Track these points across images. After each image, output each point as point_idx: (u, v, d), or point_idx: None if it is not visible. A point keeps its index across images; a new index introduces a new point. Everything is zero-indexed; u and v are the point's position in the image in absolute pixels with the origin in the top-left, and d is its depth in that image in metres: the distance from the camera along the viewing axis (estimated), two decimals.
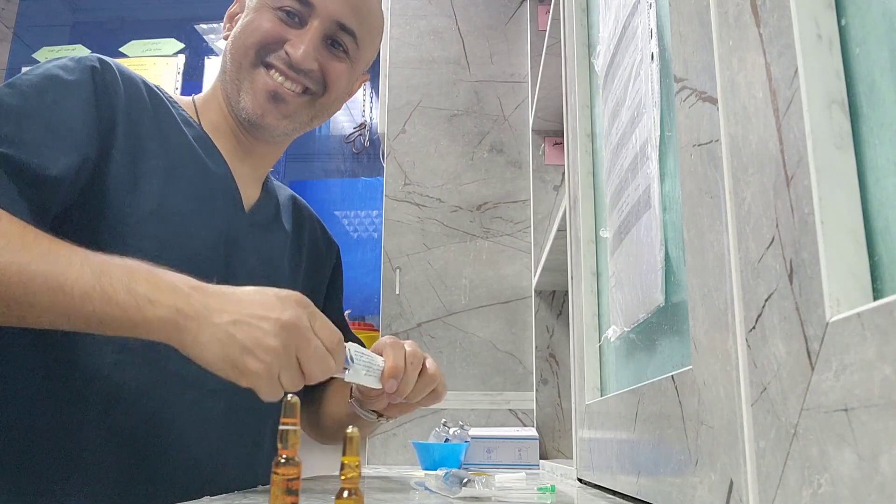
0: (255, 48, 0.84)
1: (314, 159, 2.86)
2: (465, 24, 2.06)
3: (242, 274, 0.84)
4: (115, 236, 0.73)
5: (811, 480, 0.30)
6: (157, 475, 0.74)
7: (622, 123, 0.72)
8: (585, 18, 1.03)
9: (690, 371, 0.47)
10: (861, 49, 0.30)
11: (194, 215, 0.81)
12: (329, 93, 0.89)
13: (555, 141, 1.88)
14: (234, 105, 0.87)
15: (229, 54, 0.87)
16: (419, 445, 1.32)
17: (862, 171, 0.30)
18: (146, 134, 0.79)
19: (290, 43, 0.84)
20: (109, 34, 2.89)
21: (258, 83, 0.85)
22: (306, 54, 0.83)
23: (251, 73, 0.85)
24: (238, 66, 0.85)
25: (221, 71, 0.89)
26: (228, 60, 0.87)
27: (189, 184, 0.81)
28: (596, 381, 0.88)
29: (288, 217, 0.99)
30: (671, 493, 0.50)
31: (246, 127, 0.88)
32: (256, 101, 0.85)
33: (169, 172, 0.80)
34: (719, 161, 0.41)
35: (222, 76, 0.89)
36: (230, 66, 0.86)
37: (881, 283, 0.28)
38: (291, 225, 0.99)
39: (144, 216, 0.76)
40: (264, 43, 0.84)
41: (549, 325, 1.78)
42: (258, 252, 0.89)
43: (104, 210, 0.74)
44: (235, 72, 0.86)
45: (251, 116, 0.85)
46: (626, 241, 0.70)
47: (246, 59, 0.85)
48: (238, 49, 0.85)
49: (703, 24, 0.44)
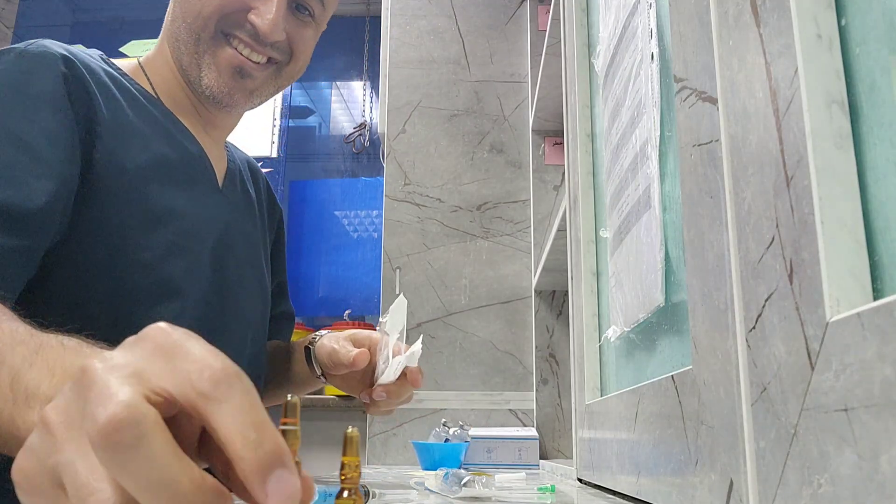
0: (215, 18, 0.76)
1: (314, 159, 2.86)
2: (465, 24, 2.06)
3: (232, 263, 0.81)
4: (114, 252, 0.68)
5: (811, 480, 0.30)
6: None
7: (622, 123, 0.72)
8: (585, 18, 1.03)
9: (690, 371, 0.47)
10: (861, 49, 0.30)
11: (188, 208, 0.76)
12: (296, 61, 0.83)
13: (555, 141, 1.88)
14: (193, 81, 0.79)
15: (183, 23, 0.77)
16: (419, 445, 1.32)
17: (862, 171, 0.30)
18: (122, 129, 0.72)
19: (254, 11, 0.76)
20: (109, 34, 2.89)
21: (221, 59, 0.77)
22: (275, 25, 0.76)
23: (211, 46, 0.77)
24: (196, 39, 0.77)
25: (173, 38, 0.79)
26: (182, 30, 0.77)
27: (176, 174, 0.76)
28: (596, 381, 0.88)
29: (249, 182, 0.94)
30: (671, 493, 0.50)
31: (208, 102, 0.82)
32: (221, 79, 0.78)
33: (156, 167, 0.74)
34: (719, 161, 0.41)
35: (175, 45, 0.79)
36: (185, 37, 0.77)
37: (881, 283, 0.28)
38: (253, 189, 0.94)
39: (143, 222, 0.70)
40: (225, 12, 0.76)
41: (549, 325, 1.78)
42: (241, 233, 0.85)
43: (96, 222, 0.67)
44: (193, 45, 0.77)
45: (216, 95, 0.79)
46: (627, 241, 0.70)
47: (205, 31, 0.76)
48: (194, 18, 0.76)
49: (703, 24, 0.44)
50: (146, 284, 0.69)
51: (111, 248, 0.67)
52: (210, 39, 0.77)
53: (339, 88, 3.00)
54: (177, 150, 0.77)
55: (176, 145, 0.78)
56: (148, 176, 0.73)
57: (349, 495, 0.42)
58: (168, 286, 0.71)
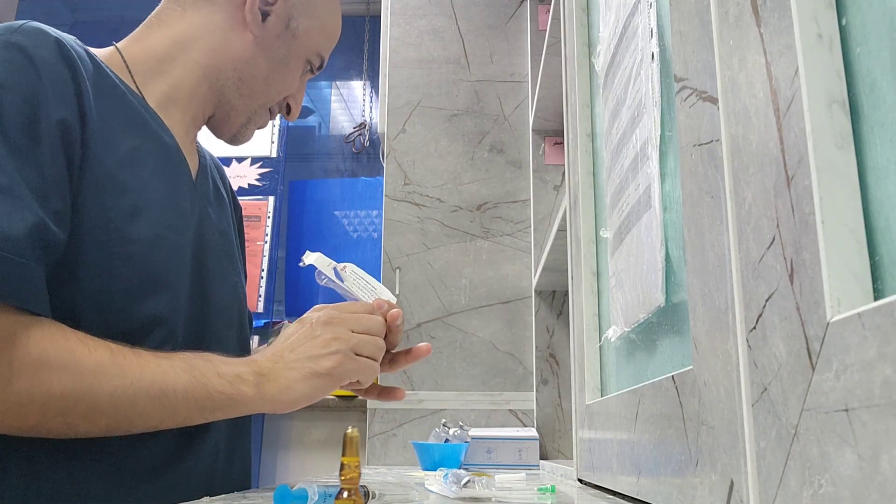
0: (279, 98, 0.88)
1: (314, 159, 2.86)
2: (465, 23, 2.06)
3: (210, 256, 0.81)
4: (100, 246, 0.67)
5: (812, 481, 0.29)
6: None
7: (622, 123, 0.72)
8: (585, 18, 1.03)
9: (691, 371, 0.47)
10: (862, 48, 0.30)
11: (166, 199, 0.75)
12: (292, 115, 0.92)
13: (555, 141, 1.88)
14: (231, 122, 0.87)
15: (263, 84, 0.86)
16: (419, 446, 1.32)
17: (862, 171, 0.30)
18: (102, 117, 0.71)
19: (292, 97, 0.89)
20: (109, 34, 2.89)
21: (262, 122, 0.89)
22: (299, 111, 0.91)
23: (260, 110, 0.87)
24: (263, 103, 0.87)
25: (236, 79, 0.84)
26: (260, 88, 0.86)
27: (153, 164, 0.75)
28: (596, 381, 0.88)
29: (217, 177, 0.95)
30: (671, 494, 0.50)
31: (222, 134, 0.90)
32: (249, 133, 0.89)
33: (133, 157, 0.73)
34: (720, 161, 0.41)
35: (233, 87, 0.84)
36: (259, 94, 0.86)
37: (882, 284, 0.28)
38: (222, 185, 0.95)
39: (124, 214, 0.70)
40: (283, 94, 0.88)
41: (549, 325, 1.78)
42: (216, 227, 0.85)
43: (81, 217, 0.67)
44: (258, 105, 0.87)
45: (240, 141, 0.89)
46: (627, 241, 0.70)
47: (263, 98, 0.86)
48: (274, 90, 0.87)
49: (704, 24, 0.44)
50: (134, 279, 0.69)
51: (97, 243, 0.67)
52: (264, 106, 0.88)
53: (339, 88, 3.00)
54: (153, 141, 0.77)
55: (151, 135, 0.77)
56: (126, 166, 0.72)
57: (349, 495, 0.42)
58: (156, 280, 0.71)
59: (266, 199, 2.55)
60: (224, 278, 0.84)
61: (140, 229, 0.70)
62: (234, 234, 0.96)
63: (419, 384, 1.79)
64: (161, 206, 0.74)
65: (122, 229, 0.69)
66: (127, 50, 0.81)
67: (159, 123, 0.79)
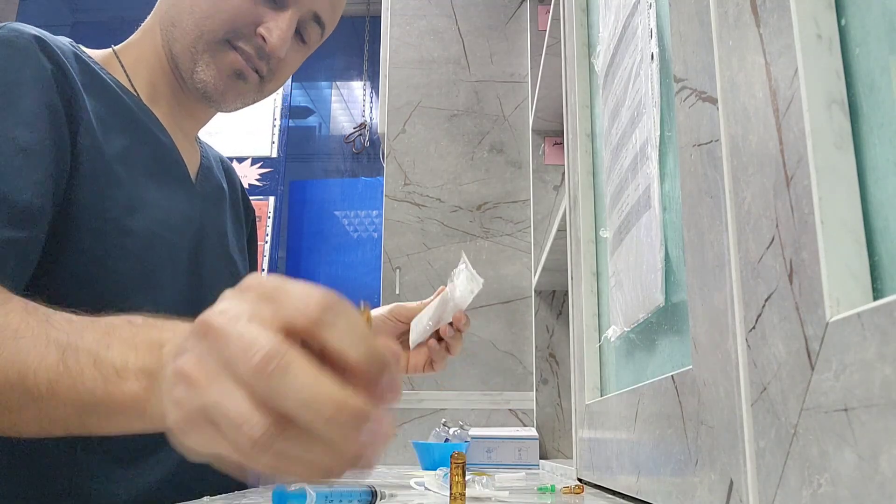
0: (225, 28, 0.76)
1: (314, 159, 2.86)
2: (465, 24, 2.06)
3: (207, 259, 0.80)
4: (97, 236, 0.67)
5: (811, 480, 0.30)
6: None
7: (622, 123, 0.72)
8: (585, 18, 1.03)
9: (690, 371, 0.47)
10: (861, 49, 0.30)
11: (160, 199, 0.74)
12: (276, 82, 0.83)
13: (555, 141, 1.88)
14: (183, 71, 0.79)
15: (190, 16, 0.76)
16: (419, 445, 1.32)
17: (862, 171, 0.30)
18: (97, 114, 0.71)
19: (264, 26, 0.76)
20: (109, 34, 2.89)
21: (223, 61, 0.77)
22: (283, 43, 0.77)
23: (212, 48, 0.77)
24: (198, 35, 0.76)
25: (169, 23, 0.78)
26: (186, 20, 0.76)
27: (147, 164, 0.75)
28: (596, 381, 0.88)
29: (221, 176, 0.93)
30: (671, 493, 0.50)
31: (195, 95, 0.81)
32: (219, 77, 0.78)
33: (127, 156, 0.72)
34: (719, 161, 0.41)
35: (169, 30, 0.78)
36: (188, 28, 0.76)
37: (881, 283, 0.28)
38: (227, 186, 0.93)
39: (122, 207, 0.69)
40: (236, 25, 0.76)
41: (549, 325, 1.78)
42: (215, 229, 0.84)
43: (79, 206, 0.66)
44: (193, 39, 0.76)
45: (209, 91, 0.78)
46: (626, 241, 0.70)
47: (211, 34, 0.76)
48: (202, 17, 0.76)
49: (703, 24, 0.45)
50: (128, 273, 0.68)
51: (94, 233, 0.66)
52: (214, 42, 0.76)
53: (339, 88, 3.00)
54: (148, 141, 0.76)
55: (147, 135, 0.76)
56: (121, 163, 0.71)
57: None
58: (150, 277, 0.70)
59: (266, 199, 2.55)
60: (221, 281, 0.83)
61: (137, 223, 0.70)
62: (243, 236, 0.96)
63: (419, 384, 1.79)
64: (156, 205, 0.73)
65: (120, 220, 0.68)
66: (123, 52, 0.81)
67: (154, 121, 0.78)
